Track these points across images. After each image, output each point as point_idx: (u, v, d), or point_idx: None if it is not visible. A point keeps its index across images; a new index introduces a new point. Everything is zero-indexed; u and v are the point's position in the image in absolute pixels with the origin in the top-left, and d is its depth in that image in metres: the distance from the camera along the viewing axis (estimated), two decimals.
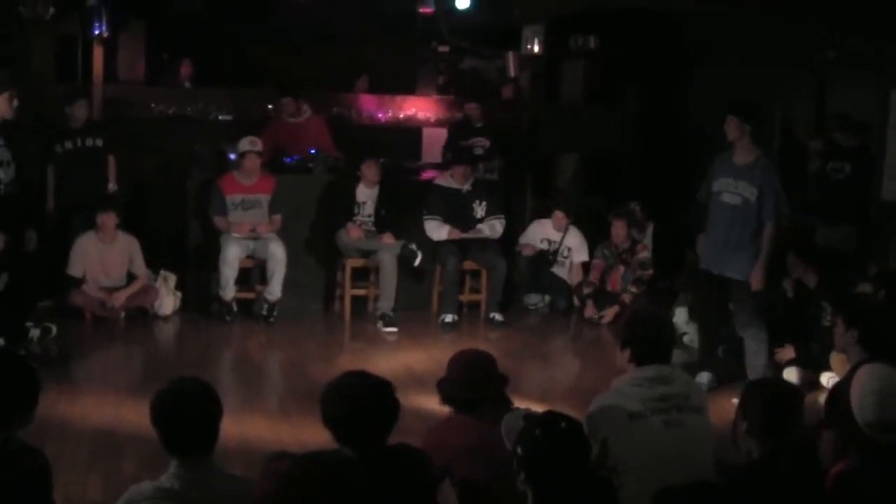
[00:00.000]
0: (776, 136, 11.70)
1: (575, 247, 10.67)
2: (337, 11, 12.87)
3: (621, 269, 10.33)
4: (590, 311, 10.22)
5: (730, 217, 7.67)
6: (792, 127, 11.97)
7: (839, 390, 4.81)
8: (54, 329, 8.70)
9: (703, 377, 7.92)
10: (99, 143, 9.96)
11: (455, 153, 10.82)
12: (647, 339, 4.57)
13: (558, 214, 10.68)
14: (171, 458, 3.72)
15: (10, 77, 6.94)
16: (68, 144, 9.87)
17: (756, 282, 7.61)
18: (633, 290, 10.17)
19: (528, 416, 3.68)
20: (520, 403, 4.62)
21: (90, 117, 10.08)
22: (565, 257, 10.67)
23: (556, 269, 10.65)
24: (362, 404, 3.81)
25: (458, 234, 9.97)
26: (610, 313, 10.13)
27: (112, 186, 10.02)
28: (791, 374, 8.15)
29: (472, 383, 4.50)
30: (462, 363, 4.62)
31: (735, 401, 4.29)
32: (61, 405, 6.90)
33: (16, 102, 7.13)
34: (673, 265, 10.43)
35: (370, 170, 9.89)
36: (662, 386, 4.45)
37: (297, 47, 13.37)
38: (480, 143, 11.02)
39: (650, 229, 10.99)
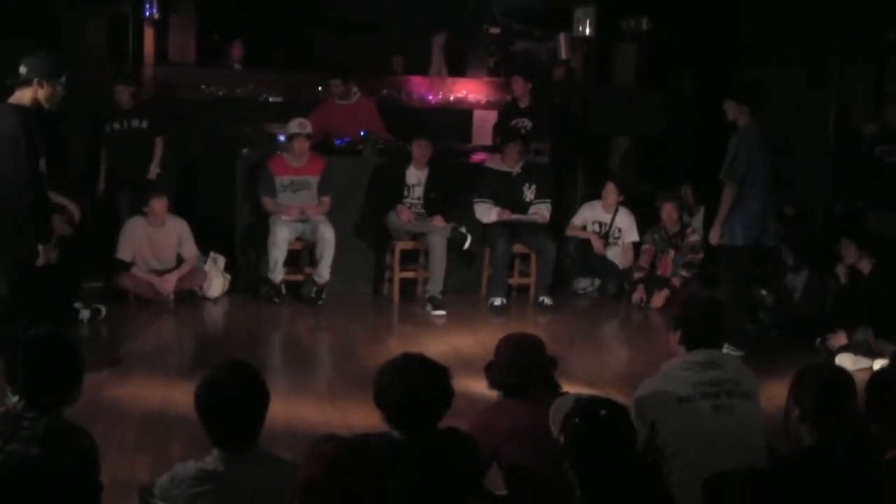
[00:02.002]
0: (831, 120, 11.51)
1: (625, 227, 10.60)
2: None
3: (672, 253, 10.25)
4: (638, 295, 10.14)
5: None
6: (849, 111, 11.79)
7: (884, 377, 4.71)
8: (104, 310, 8.76)
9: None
10: (144, 124, 10.05)
11: (502, 134, 10.74)
12: (698, 322, 4.54)
13: (610, 187, 10.60)
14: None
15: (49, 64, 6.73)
16: (116, 125, 10.00)
17: (712, 237, 8.39)
18: (684, 273, 10.08)
19: (579, 400, 3.63)
20: (568, 388, 4.58)
21: (137, 99, 10.15)
22: (616, 238, 10.59)
23: (607, 252, 10.57)
24: (417, 388, 3.79)
25: (507, 216, 9.91)
26: (659, 297, 10.06)
27: (154, 170, 10.07)
28: (844, 361, 8.03)
29: (520, 367, 4.45)
30: (510, 347, 4.58)
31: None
32: (110, 387, 6.93)
33: (58, 90, 6.82)
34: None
35: (419, 149, 9.85)
36: (712, 370, 4.42)
37: (346, 29, 13.34)
38: (523, 125, 10.93)
39: (701, 213, 10.88)
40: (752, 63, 12.12)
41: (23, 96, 6.52)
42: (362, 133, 10.43)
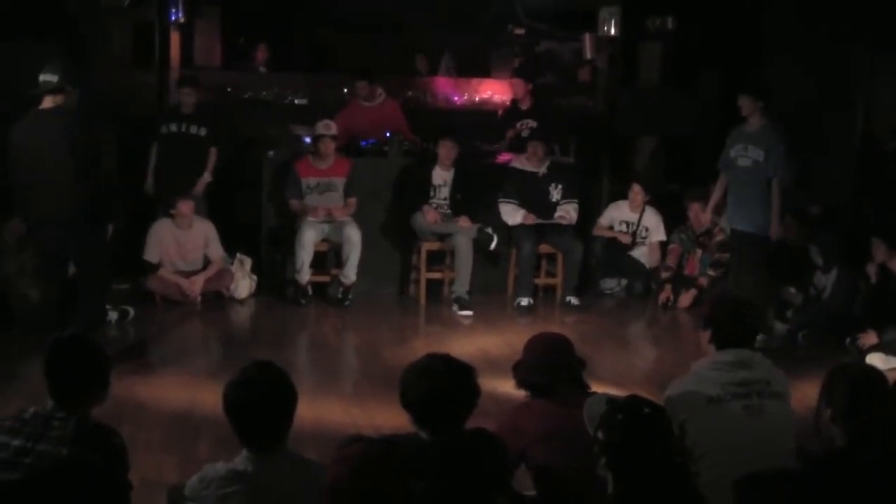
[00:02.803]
0: (857, 118, 11.42)
1: (652, 226, 10.56)
2: None
3: (699, 252, 10.20)
4: (665, 295, 10.10)
5: (743, 177, 8.59)
6: (877, 109, 11.69)
7: None
8: (132, 312, 8.80)
9: None
10: (203, 132, 10.10)
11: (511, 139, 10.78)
12: (728, 321, 4.51)
13: (636, 188, 10.58)
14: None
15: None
16: (173, 127, 10.05)
17: (774, 232, 8.48)
18: (711, 273, 10.04)
19: (611, 400, 3.61)
20: (596, 388, 4.55)
21: (199, 105, 10.17)
22: (643, 238, 10.56)
23: (635, 252, 10.54)
24: (441, 387, 3.78)
25: (532, 220, 9.90)
26: (687, 297, 10.02)
27: (208, 177, 10.11)
28: (875, 360, 7.97)
29: (549, 367, 4.43)
30: (538, 347, 4.56)
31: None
32: (138, 388, 6.95)
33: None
34: None
35: (445, 150, 9.84)
36: (743, 370, 4.39)
37: (371, 31, 13.35)
38: (528, 125, 10.91)
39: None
40: (777, 60, 12.06)
41: (56, 101, 7.02)
42: (388, 135, 10.44)
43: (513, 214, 9.94)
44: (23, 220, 7.84)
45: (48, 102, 7.20)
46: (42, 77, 7.23)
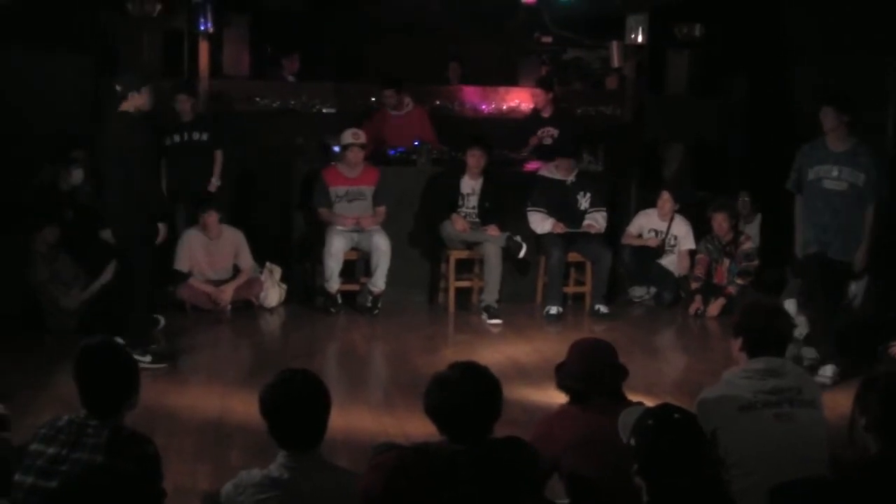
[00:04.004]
0: (889, 123, 11.35)
1: (681, 235, 10.53)
2: (439, 4, 12.85)
3: (726, 261, 10.16)
4: (695, 306, 10.08)
5: (837, 202, 7.76)
6: None
7: None
8: (163, 321, 8.84)
9: (828, 370, 7.79)
10: (205, 137, 10.15)
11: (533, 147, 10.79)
12: (759, 329, 4.48)
13: (665, 196, 10.56)
14: (279, 448, 3.73)
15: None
16: (176, 138, 10.10)
17: (860, 262, 7.82)
18: (739, 282, 10.00)
19: (650, 408, 3.61)
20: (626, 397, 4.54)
21: (197, 112, 10.25)
22: (672, 246, 10.53)
23: (664, 260, 10.51)
24: (458, 398, 3.77)
25: (561, 228, 9.89)
26: (716, 306, 9.99)
27: (215, 182, 10.17)
28: None
29: (587, 374, 4.42)
30: (579, 352, 4.56)
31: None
32: (170, 396, 7.00)
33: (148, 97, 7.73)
34: (781, 256, 10.22)
35: (474, 158, 9.85)
36: (774, 378, 4.37)
37: (398, 40, 13.38)
38: (549, 133, 10.91)
39: (757, 220, 10.80)
40: (804, 67, 12.02)
41: (126, 106, 7.65)
42: (416, 143, 10.46)
43: (541, 223, 9.94)
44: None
45: (123, 106, 7.69)
46: (116, 85, 7.79)
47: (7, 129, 9.75)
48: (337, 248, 9.48)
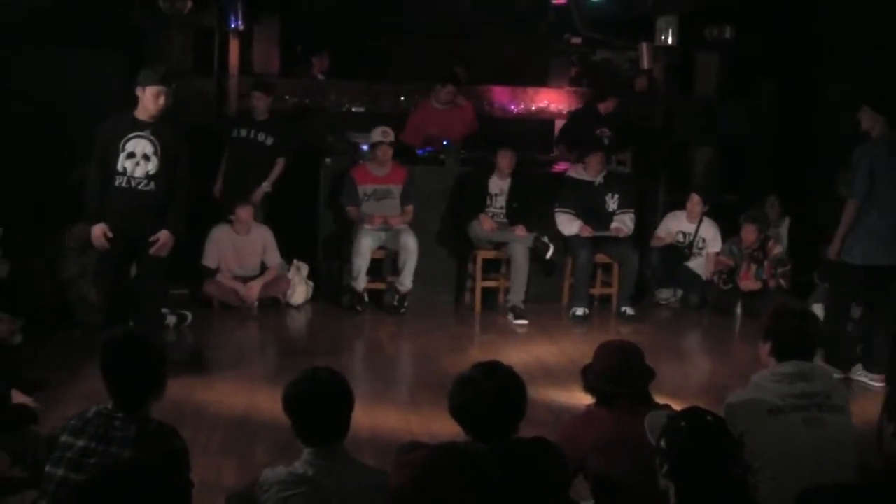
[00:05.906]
0: None
1: (710, 238, 10.49)
2: (468, 4, 12.84)
3: (753, 267, 10.09)
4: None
5: None
6: None
7: None
8: (189, 317, 8.89)
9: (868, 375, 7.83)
10: (269, 141, 10.14)
11: (585, 142, 10.68)
12: (788, 333, 4.47)
13: (694, 198, 10.50)
14: (304, 446, 3.75)
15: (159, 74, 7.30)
16: (242, 132, 10.13)
17: (832, 252, 7.83)
18: (781, 282, 9.94)
19: (677, 413, 3.61)
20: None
21: (270, 113, 10.27)
22: (700, 248, 10.49)
23: (691, 263, 10.48)
24: (479, 398, 3.77)
25: (589, 232, 9.87)
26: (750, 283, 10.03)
27: (266, 187, 10.15)
28: None
29: (613, 376, 4.42)
30: (606, 354, 4.55)
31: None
32: (196, 392, 7.02)
33: (162, 100, 7.17)
34: (809, 260, 10.17)
35: (504, 159, 9.85)
36: (802, 382, 4.35)
37: (427, 41, 13.37)
38: (606, 135, 10.89)
39: (786, 223, 10.76)
40: (836, 67, 11.94)
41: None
42: (445, 143, 10.46)
43: (569, 224, 9.93)
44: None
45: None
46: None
47: (40, 127, 9.80)
48: (365, 247, 9.50)
